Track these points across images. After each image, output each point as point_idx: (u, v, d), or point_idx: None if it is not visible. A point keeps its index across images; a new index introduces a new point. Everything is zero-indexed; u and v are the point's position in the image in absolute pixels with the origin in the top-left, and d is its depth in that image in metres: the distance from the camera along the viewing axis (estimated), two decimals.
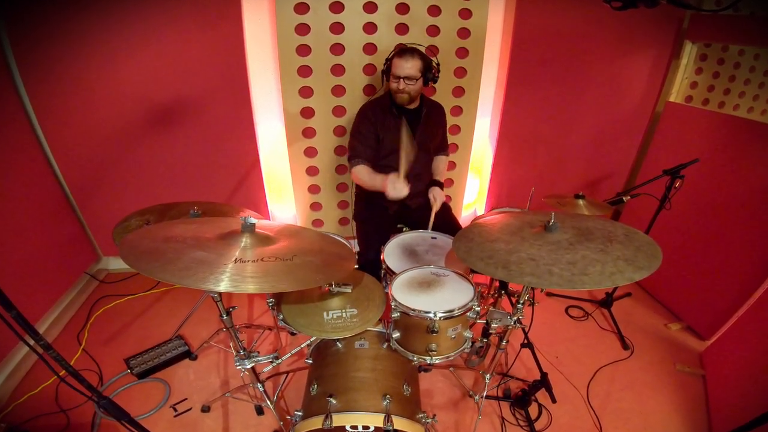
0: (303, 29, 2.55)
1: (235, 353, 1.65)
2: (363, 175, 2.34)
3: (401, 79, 2.20)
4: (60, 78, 2.46)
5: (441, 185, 2.52)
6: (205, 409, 2.13)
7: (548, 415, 2.15)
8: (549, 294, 3.09)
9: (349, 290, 1.73)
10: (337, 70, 2.71)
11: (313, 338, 1.87)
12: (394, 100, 2.31)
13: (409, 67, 2.17)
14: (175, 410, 2.13)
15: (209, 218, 1.77)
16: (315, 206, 3.21)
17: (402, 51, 2.20)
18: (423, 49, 2.30)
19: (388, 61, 2.29)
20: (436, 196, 2.41)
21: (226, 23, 2.50)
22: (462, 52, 2.81)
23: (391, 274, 1.92)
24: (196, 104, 2.70)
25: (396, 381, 1.69)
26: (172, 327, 2.64)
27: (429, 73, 2.25)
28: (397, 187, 2.11)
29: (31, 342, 1.04)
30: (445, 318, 1.59)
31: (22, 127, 2.52)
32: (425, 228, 2.30)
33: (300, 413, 1.64)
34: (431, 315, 1.58)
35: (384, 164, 2.42)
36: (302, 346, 1.91)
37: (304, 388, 1.82)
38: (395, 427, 1.51)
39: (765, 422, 1.38)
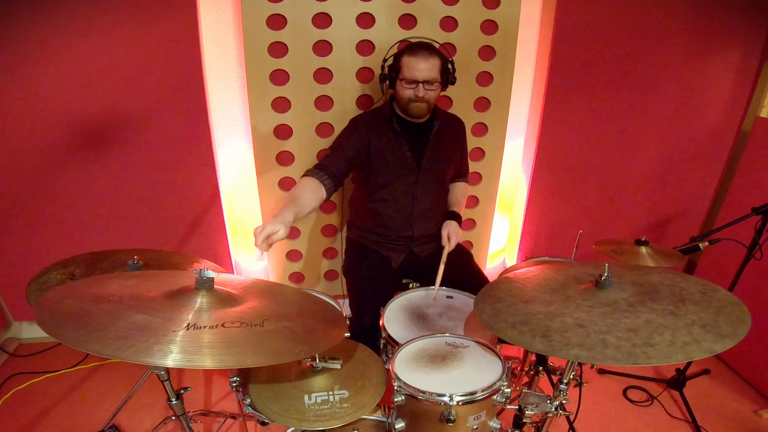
0: (277, 22, 2.58)
1: None
2: (294, 188, 2.22)
3: (420, 84, 2.21)
4: None
5: (459, 218, 2.52)
6: None
7: None
8: (601, 371, 3.07)
9: (338, 366, 1.74)
10: (323, 75, 2.74)
11: (291, 429, 1.86)
12: (405, 110, 2.33)
13: (429, 67, 2.19)
14: None
15: (153, 271, 1.80)
16: (293, 255, 3.24)
17: (415, 47, 2.21)
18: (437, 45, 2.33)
19: (396, 61, 2.27)
20: (451, 234, 2.40)
21: (176, 15, 2.53)
22: (487, 53, 2.85)
23: (393, 344, 1.93)
24: (136, 122, 2.73)
25: None
26: (104, 414, 2.61)
27: (447, 74, 2.29)
28: (261, 232, 1.79)
29: None
30: (465, 402, 1.58)
31: None
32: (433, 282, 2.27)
33: None
34: (446, 399, 1.57)
35: (378, 198, 2.45)
36: None
37: None
38: None
39: None
